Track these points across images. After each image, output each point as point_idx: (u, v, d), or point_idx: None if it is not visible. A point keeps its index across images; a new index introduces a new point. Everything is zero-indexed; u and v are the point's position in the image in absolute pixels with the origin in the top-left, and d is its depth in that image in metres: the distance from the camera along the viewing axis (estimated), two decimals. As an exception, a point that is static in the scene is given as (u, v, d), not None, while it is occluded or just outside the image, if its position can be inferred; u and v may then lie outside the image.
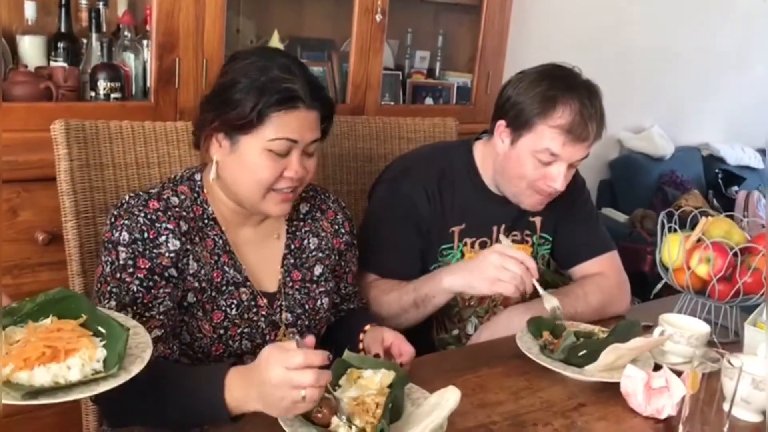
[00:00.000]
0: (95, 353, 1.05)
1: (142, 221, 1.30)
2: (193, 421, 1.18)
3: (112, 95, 2.00)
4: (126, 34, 2.10)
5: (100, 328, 1.11)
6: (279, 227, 1.50)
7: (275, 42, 2.38)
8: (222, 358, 1.39)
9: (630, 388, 1.34)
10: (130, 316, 1.26)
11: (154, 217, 1.32)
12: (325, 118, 1.40)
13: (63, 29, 2.01)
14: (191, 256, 1.35)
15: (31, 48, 2.01)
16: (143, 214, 1.31)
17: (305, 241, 1.51)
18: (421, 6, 2.93)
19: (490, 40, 2.72)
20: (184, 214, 1.36)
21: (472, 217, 1.76)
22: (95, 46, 2.04)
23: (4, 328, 1.08)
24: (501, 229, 1.78)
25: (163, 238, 1.31)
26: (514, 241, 1.80)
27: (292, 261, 1.49)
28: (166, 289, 1.31)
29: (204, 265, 1.37)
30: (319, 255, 1.51)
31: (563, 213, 1.83)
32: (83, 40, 2.06)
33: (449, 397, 1.15)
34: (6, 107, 1.84)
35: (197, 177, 1.43)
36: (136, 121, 1.63)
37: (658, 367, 1.40)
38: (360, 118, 2.09)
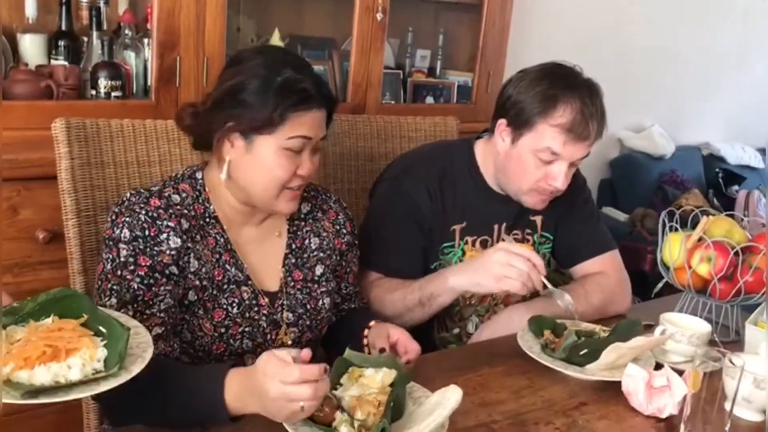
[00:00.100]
0: (96, 353, 1.05)
1: (143, 219, 1.30)
2: (193, 420, 1.18)
3: (113, 94, 2.01)
4: (127, 32, 2.10)
5: (101, 328, 1.11)
6: (280, 226, 1.50)
7: (276, 41, 2.38)
8: (223, 357, 1.39)
9: (631, 387, 1.34)
10: (131, 313, 1.26)
11: (156, 214, 1.32)
12: (329, 115, 1.42)
13: (64, 27, 2.01)
14: (192, 254, 1.35)
15: (31, 46, 2.01)
16: (144, 212, 1.31)
17: (306, 241, 1.51)
18: (422, 5, 2.93)
19: (491, 39, 2.72)
20: (185, 212, 1.36)
21: (473, 215, 1.76)
22: (96, 44, 2.04)
23: (6, 328, 1.08)
24: (502, 227, 1.78)
25: (164, 235, 1.31)
26: (515, 240, 1.80)
27: (293, 260, 1.49)
28: (167, 287, 1.31)
29: (205, 263, 1.37)
30: (321, 255, 1.51)
31: (564, 212, 1.83)
32: (84, 39, 2.06)
33: (451, 396, 1.14)
34: (6, 105, 1.84)
35: (198, 175, 1.43)
36: (136, 120, 1.62)
37: (659, 366, 1.40)
38: (361, 117, 2.09)
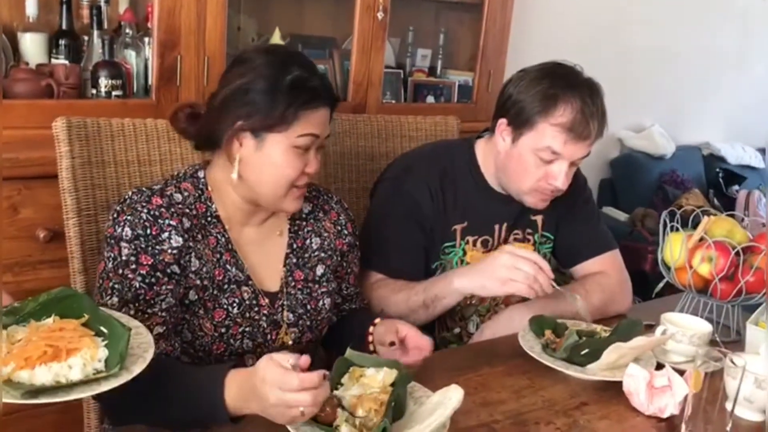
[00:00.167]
0: (97, 353, 1.05)
1: (144, 217, 1.30)
2: (193, 420, 1.17)
3: (114, 93, 2.01)
4: (127, 31, 2.10)
5: (102, 328, 1.11)
6: (281, 226, 1.50)
7: (276, 40, 2.38)
8: (223, 357, 1.39)
9: (632, 387, 1.34)
10: (132, 312, 1.26)
11: (157, 213, 1.32)
12: (332, 113, 1.43)
13: (64, 26, 2.01)
14: (193, 254, 1.35)
15: (32, 45, 2.01)
16: (146, 210, 1.31)
17: (307, 241, 1.51)
18: (423, 4, 2.93)
19: (492, 38, 2.72)
20: (187, 211, 1.36)
21: (474, 215, 1.75)
22: (96, 43, 2.03)
23: (7, 328, 1.07)
24: (503, 227, 1.78)
25: (166, 234, 1.31)
26: (516, 240, 1.81)
27: (294, 260, 1.48)
28: (169, 286, 1.31)
29: (206, 262, 1.36)
30: (322, 255, 1.51)
31: (565, 212, 1.83)
32: (84, 38, 2.06)
33: (452, 396, 1.14)
34: (7, 104, 1.84)
35: (200, 174, 1.43)
36: (137, 119, 1.62)
37: (660, 366, 1.40)
38: (361, 117, 2.09)
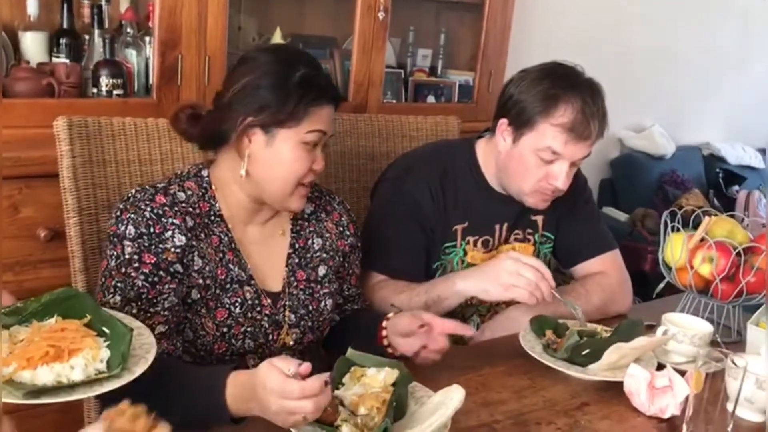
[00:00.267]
0: (99, 353, 1.06)
1: (148, 216, 1.30)
2: (195, 420, 1.17)
3: (114, 92, 2.00)
4: (128, 30, 2.09)
5: (104, 329, 1.11)
6: (284, 225, 1.50)
7: (277, 39, 2.38)
8: (224, 357, 1.39)
9: (633, 387, 1.34)
10: (135, 311, 1.26)
11: (161, 211, 1.32)
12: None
13: (65, 25, 2.01)
14: (196, 253, 1.35)
15: (33, 44, 2.01)
16: (150, 209, 1.31)
17: (309, 241, 1.51)
18: (423, 4, 2.93)
19: (492, 38, 2.72)
20: (190, 209, 1.36)
21: (474, 215, 1.75)
22: (97, 42, 2.03)
23: (9, 328, 1.08)
24: (503, 227, 1.78)
25: (169, 233, 1.31)
26: (516, 240, 1.81)
27: (296, 260, 1.49)
28: (171, 285, 1.31)
29: (209, 261, 1.36)
30: (323, 256, 1.51)
31: (565, 212, 1.83)
32: (85, 37, 2.06)
33: (454, 396, 1.14)
34: (8, 103, 1.84)
35: (204, 173, 1.43)
36: (138, 118, 1.62)
37: (661, 366, 1.40)
38: (362, 116, 2.09)
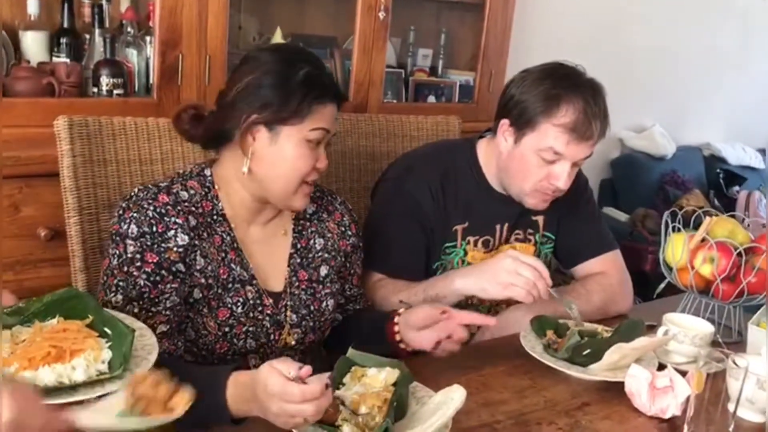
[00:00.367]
0: (100, 354, 1.06)
1: (151, 215, 1.30)
2: (196, 420, 1.17)
3: (115, 91, 2.00)
4: (129, 30, 2.09)
5: (106, 329, 1.11)
6: (286, 225, 1.50)
7: (278, 39, 2.37)
8: (226, 357, 1.39)
9: (634, 387, 1.34)
10: (136, 310, 1.26)
11: (164, 210, 1.31)
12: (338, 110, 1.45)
13: (66, 25, 2.01)
14: (199, 252, 1.35)
15: (33, 43, 2.00)
16: (152, 208, 1.31)
17: (311, 241, 1.51)
18: (424, 4, 2.93)
19: (493, 38, 2.71)
20: (193, 209, 1.36)
21: (475, 215, 1.75)
22: (98, 41, 2.03)
23: (11, 328, 1.07)
24: (504, 227, 1.78)
25: (172, 232, 1.31)
26: (517, 240, 1.80)
27: (298, 260, 1.48)
28: (173, 285, 1.31)
29: (211, 261, 1.36)
30: (325, 256, 1.51)
31: (566, 212, 1.82)
32: (86, 36, 2.05)
33: (455, 396, 1.14)
34: (8, 103, 1.83)
35: (207, 172, 1.42)
36: (139, 118, 1.62)
37: (662, 366, 1.40)
38: (363, 116, 2.09)
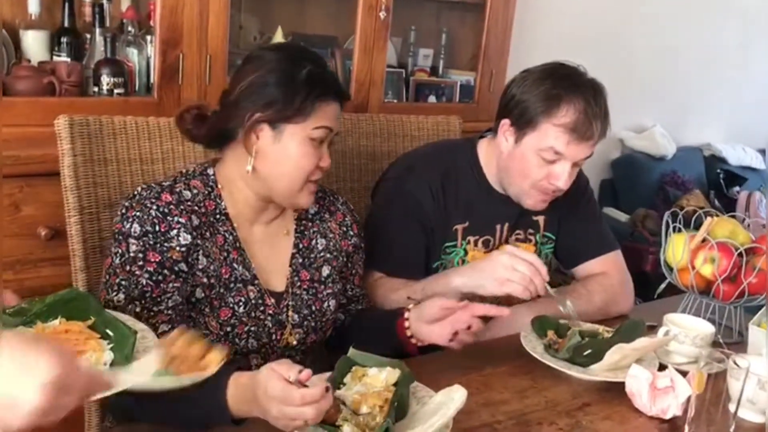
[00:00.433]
0: (102, 356, 1.05)
1: (153, 214, 1.30)
2: (196, 420, 1.17)
3: (115, 91, 2.00)
4: (129, 29, 2.10)
5: (108, 331, 1.11)
6: (288, 225, 1.50)
7: (279, 38, 2.37)
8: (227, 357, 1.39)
9: (635, 387, 1.34)
10: (138, 310, 1.26)
11: (167, 210, 1.31)
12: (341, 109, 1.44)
13: (66, 24, 2.01)
14: (201, 251, 1.34)
15: (34, 43, 2.00)
16: (155, 207, 1.31)
17: (313, 241, 1.51)
18: (425, 4, 2.93)
19: (494, 38, 2.71)
20: (196, 208, 1.36)
21: (475, 215, 1.75)
22: (98, 41, 2.03)
23: (13, 328, 1.07)
24: (504, 227, 1.78)
25: (175, 231, 1.31)
26: (518, 240, 1.80)
27: (300, 260, 1.48)
28: (176, 284, 1.31)
29: (213, 260, 1.36)
30: (327, 256, 1.51)
31: (566, 212, 1.82)
32: (86, 35, 2.06)
33: (455, 396, 1.14)
34: (9, 102, 1.83)
35: (210, 171, 1.42)
36: (139, 117, 1.62)
37: (663, 367, 1.40)
38: (363, 116, 2.09)
